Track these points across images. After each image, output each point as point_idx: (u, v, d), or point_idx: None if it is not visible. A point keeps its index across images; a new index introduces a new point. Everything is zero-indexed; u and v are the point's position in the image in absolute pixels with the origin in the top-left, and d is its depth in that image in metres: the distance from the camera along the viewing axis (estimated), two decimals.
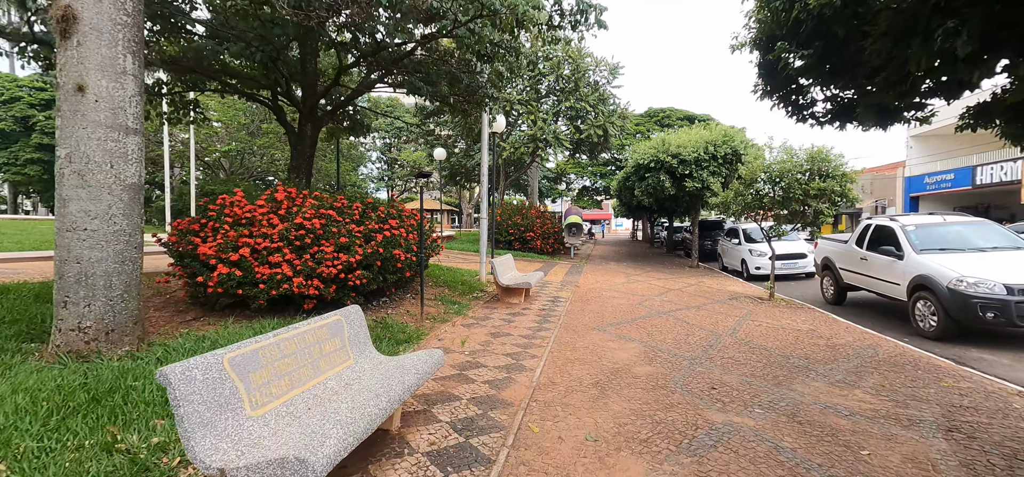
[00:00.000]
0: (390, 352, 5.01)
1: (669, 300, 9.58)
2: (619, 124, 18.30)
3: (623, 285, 11.82)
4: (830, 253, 9.92)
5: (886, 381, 4.69)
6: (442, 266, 12.33)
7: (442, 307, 7.67)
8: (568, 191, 42.93)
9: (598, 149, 20.59)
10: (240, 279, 5.06)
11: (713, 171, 14.29)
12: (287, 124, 7.76)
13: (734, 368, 5.09)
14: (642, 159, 15.45)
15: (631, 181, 18.34)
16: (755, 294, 10.51)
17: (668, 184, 14.82)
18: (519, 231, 18.80)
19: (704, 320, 7.63)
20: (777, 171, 9.07)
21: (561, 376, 4.78)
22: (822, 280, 10.30)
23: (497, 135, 10.57)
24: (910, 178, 30.48)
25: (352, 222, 6.02)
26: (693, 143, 14.58)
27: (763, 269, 13.67)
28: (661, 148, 14.95)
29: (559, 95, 18.42)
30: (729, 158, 14.26)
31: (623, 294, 10.32)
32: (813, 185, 8.60)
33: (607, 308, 8.57)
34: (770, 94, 5.35)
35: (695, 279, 13.35)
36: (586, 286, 11.52)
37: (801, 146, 9.00)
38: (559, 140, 17.37)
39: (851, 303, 9.63)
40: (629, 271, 15.35)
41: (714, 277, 14.00)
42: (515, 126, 18.08)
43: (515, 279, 8.80)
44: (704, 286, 11.82)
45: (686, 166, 14.45)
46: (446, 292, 8.90)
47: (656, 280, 12.99)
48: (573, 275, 13.73)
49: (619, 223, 72.42)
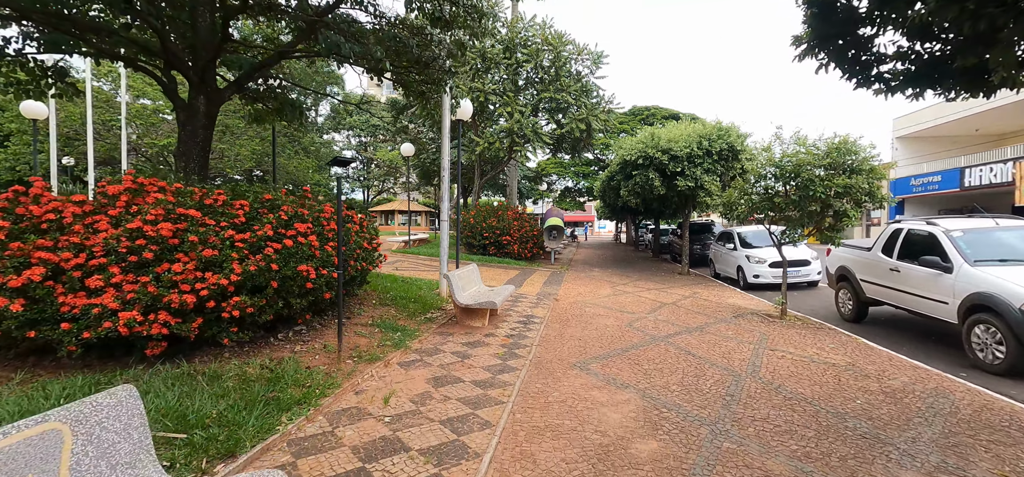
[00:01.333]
0: (261, 427, 3.25)
1: (664, 319, 8.01)
2: (603, 118, 16.78)
3: (609, 298, 10.23)
4: (848, 262, 8.50)
5: (1006, 464, 3.15)
6: (397, 277, 10.54)
7: (378, 336, 5.91)
8: (550, 192, 41.41)
9: (581, 145, 19.05)
10: (27, 316, 3.26)
11: (707, 168, 12.84)
12: (177, 99, 5.90)
13: (776, 440, 3.49)
14: (629, 155, 13.94)
15: (616, 180, 16.83)
16: (762, 310, 9.02)
17: (658, 183, 13.33)
18: (494, 234, 17.11)
19: (713, 350, 6.05)
20: (791, 166, 7.59)
21: (522, 469, 3.09)
22: (838, 293, 8.88)
23: (463, 124, 8.82)
24: (895, 180, 30.14)
25: (231, 227, 4.23)
26: (685, 138, 13.12)
27: (762, 278, 12.27)
28: (650, 143, 13.46)
29: (539, 86, 16.82)
30: (725, 154, 12.84)
31: (610, 311, 8.71)
32: (836, 182, 7.13)
33: (591, 332, 6.94)
34: (820, 48, 3.78)
35: (688, 289, 11.86)
36: (567, 300, 9.89)
37: (821, 136, 7.55)
38: (538, 135, 15.75)
39: (873, 320, 8.22)
40: (615, 279, 13.80)
41: (709, 287, 12.54)
42: (492, 120, 16.40)
43: (477, 297, 7.09)
44: (700, 299, 10.31)
45: (678, 163, 12.98)
46: (392, 313, 7.14)
47: (646, 291, 11.44)
48: (552, 285, 12.09)
49: (602, 225, 71.39)
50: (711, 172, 12.88)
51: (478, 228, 17.52)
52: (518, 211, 18.04)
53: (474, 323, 6.90)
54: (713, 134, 12.81)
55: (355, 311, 6.98)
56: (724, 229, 15.93)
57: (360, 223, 7.05)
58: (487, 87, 15.86)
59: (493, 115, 16.37)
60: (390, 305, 7.51)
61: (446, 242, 8.50)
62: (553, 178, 40.22)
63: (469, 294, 7.12)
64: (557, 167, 37.04)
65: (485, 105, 16.27)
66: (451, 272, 6.95)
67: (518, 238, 17.33)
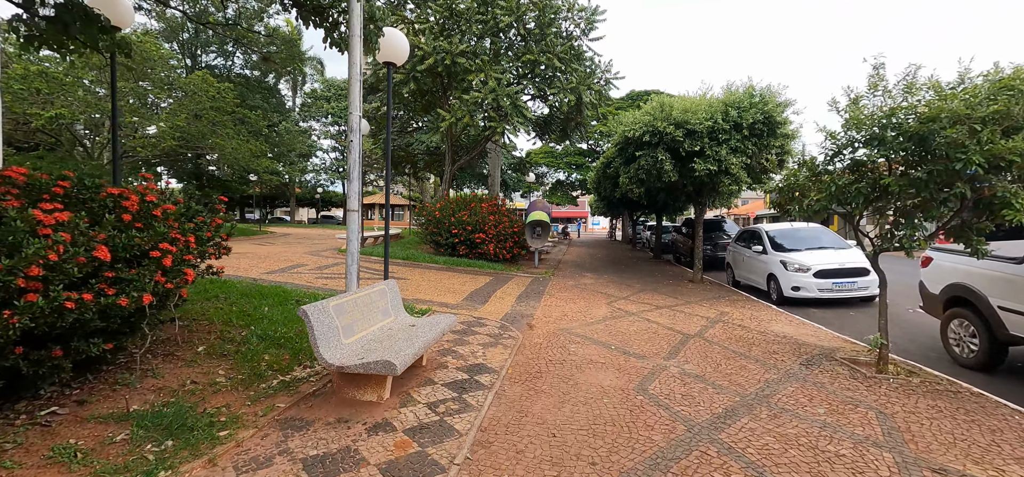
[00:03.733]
0: None
1: (695, 372, 4.94)
2: (597, 89, 13.65)
3: (605, 325, 7.15)
4: (974, 280, 5.49)
5: None
6: (284, 293, 7.35)
7: (156, 435, 2.80)
8: (540, 185, 38.27)
9: (571, 126, 15.93)
10: None
11: (735, 147, 9.78)
12: None
13: None
14: (632, 131, 10.85)
15: (614, 166, 13.75)
16: (837, 348, 5.97)
17: (668, 166, 10.26)
18: (465, 232, 13.99)
19: (812, 466, 2.98)
20: (911, 126, 4.51)
21: None
22: (949, 325, 5.88)
23: (392, 67, 5.58)
24: None
25: None
26: (707, 108, 10.06)
27: (804, 291, 9.29)
28: (660, 115, 10.36)
29: (521, 49, 13.66)
30: (758, 129, 9.77)
31: (607, 352, 5.64)
32: (998, 147, 4.08)
33: (575, 413, 3.85)
34: None
35: (711, 306, 8.83)
36: (544, 328, 6.80)
37: (965, 71, 4.49)
38: (519, 109, 12.61)
39: (1012, 366, 5.23)
40: (612, 289, 10.72)
41: (735, 301, 9.50)
42: (462, 89, 13.22)
43: (368, 348, 3.96)
44: (735, 326, 7.26)
45: (696, 140, 9.91)
46: (219, 372, 4.01)
47: (656, 311, 8.38)
48: (529, 301, 9.00)
49: (596, 221, 68.34)
50: (739, 151, 9.82)
51: (445, 223, 14.38)
52: (495, 203, 14.90)
53: (364, 396, 3.78)
54: (743, 102, 9.74)
55: (157, 362, 3.85)
56: (747, 227, 12.92)
57: (165, 215, 3.94)
58: (455, 48, 12.69)
59: (462, 83, 13.22)
60: (228, 354, 4.37)
61: (355, 245, 5.38)
62: (543, 169, 37.08)
63: (357, 343, 3.98)
64: (547, 157, 33.91)
65: (453, 70, 13.10)
66: (325, 303, 3.81)
67: (494, 236, 14.22)
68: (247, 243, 17.24)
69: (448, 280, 10.71)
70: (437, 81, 14.66)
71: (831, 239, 10.98)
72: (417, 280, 10.39)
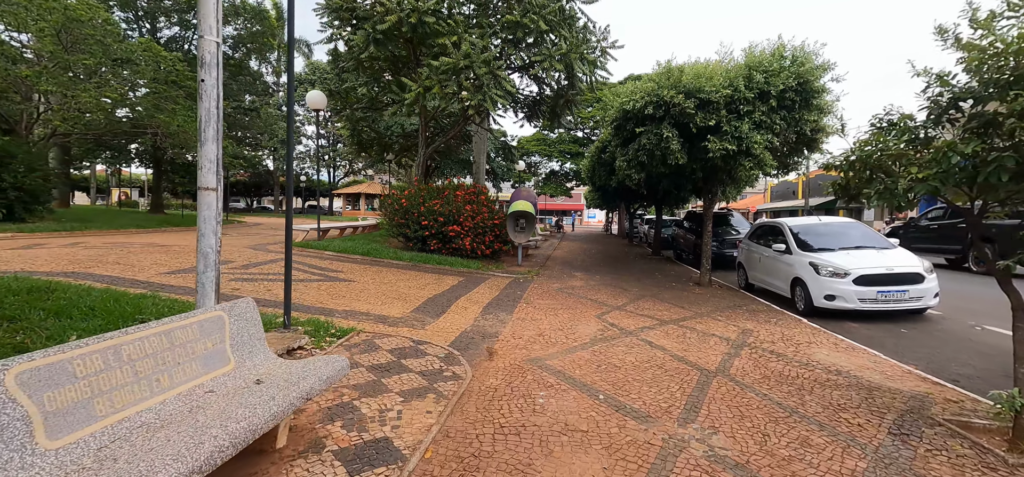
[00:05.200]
0: None
1: (736, 450, 3.05)
2: (592, 60, 11.66)
3: (593, 354, 5.25)
4: None
5: None
6: (142, 297, 5.34)
7: None
8: (531, 174, 36.24)
9: (561, 104, 13.95)
10: None
11: (759, 121, 7.86)
12: None
13: None
14: (632, 103, 8.90)
15: (610, 149, 11.84)
16: (920, 390, 4.08)
17: (675, 146, 8.34)
18: (436, 224, 12.04)
19: None
20: None
21: None
22: None
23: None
24: None
25: None
26: (723, 75, 8.13)
27: (842, 300, 7.47)
28: (666, 82, 8.41)
29: (503, 9, 11.65)
30: (789, 99, 7.85)
31: (592, 405, 3.75)
32: None
33: None
34: None
35: (730, 321, 6.95)
36: (508, 359, 4.90)
37: None
38: (497, 78, 10.62)
39: None
40: (605, 297, 8.83)
41: (757, 315, 7.64)
42: (432, 55, 11.22)
43: (95, 465, 2.02)
44: (766, 350, 5.38)
45: (711, 113, 7.98)
46: None
47: (661, 330, 6.48)
48: (498, 312, 7.10)
49: (592, 214, 66.37)
50: (764, 127, 7.90)
51: (413, 213, 12.42)
52: (472, 191, 12.93)
53: None
54: (771, 65, 7.80)
55: None
56: (764, 222, 11.06)
57: None
58: (424, 5, 10.67)
59: (433, 49, 11.24)
60: None
61: (209, 243, 3.45)
62: (535, 158, 35.05)
63: (80, 447, 2.03)
64: (540, 145, 31.90)
65: (421, 32, 11.08)
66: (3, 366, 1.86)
67: (471, 229, 12.28)
68: (184, 234, 15.19)
69: (406, 282, 8.78)
70: (405, 46, 12.64)
71: (867, 236, 9.13)
72: (366, 282, 8.46)
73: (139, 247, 10.60)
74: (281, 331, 4.75)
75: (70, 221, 14.46)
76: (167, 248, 10.71)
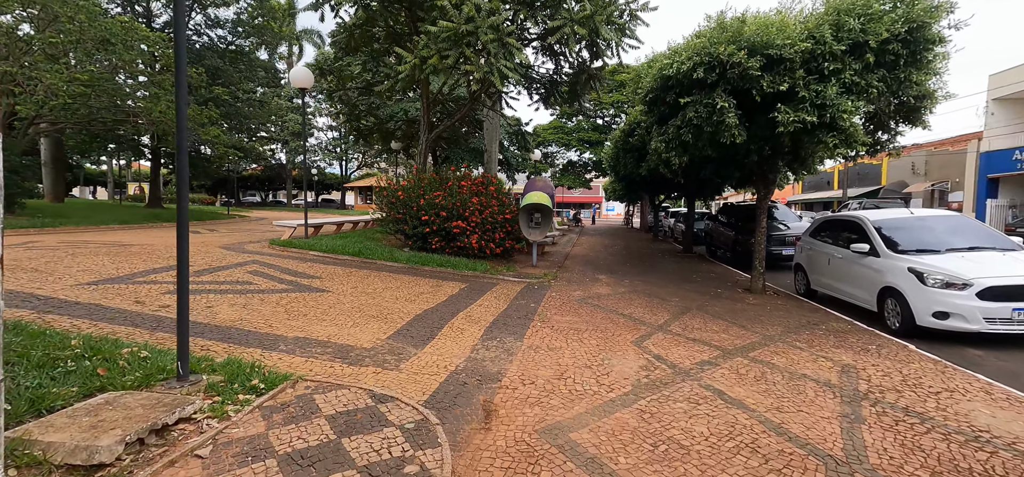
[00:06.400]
0: None
1: None
2: (620, 24, 9.78)
3: (640, 416, 3.51)
4: None
5: None
6: None
7: None
8: (547, 165, 34.30)
9: (584, 81, 12.07)
10: None
11: (850, 83, 5.93)
12: None
13: None
14: (675, 66, 7.03)
15: (639, 132, 10.07)
16: None
17: (731, 118, 6.47)
18: (439, 219, 10.40)
19: None
20: None
21: None
22: None
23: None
24: (989, 153, 23.71)
25: None
26: (799, 24, 6.22)
27: (957, 319, 5.67)
28: (720, 38, 6.53)
29: None
30: (893, 53, 5.88)
31: None
32: None
33: None
34: None
35: (818, 349, 5.11)
36: (512, 426, 3.22)
37: None
38: (506, 46, 8.86)
39: None
40: (640, 312, 7.04)
41: (847, 338, 5.75)
42: (431, 20, 9.51)
43: None
44: (899, 408, 3.56)
45: (782, 74, 6.09)
46: None
47: (728, 369, 4.69)
48: (504, 337, 5.42)
49: (611, 207, 63.98)
50: (856, 91, 5.97)
51: (412, 206, 10.79)
52: (480, 181, 11.22)
53: None
54: (870, 6, 5.83)
55: None
56: (833, 215, 9.12)
57: None
58: None
59: (432, 13, 9.55)
60: None
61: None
62: (552, 148, 33.10)
63: None
64: (557, 133, 29.97)
65: None
66: None
67: (478, 224, 10.60)
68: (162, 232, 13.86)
69: (394, 292, 7.15)
70: (406, 15, 10.96)
71: (982, 233, 7.14)
72: (342, 293, 6.85)
73: (94, 247, 9.23)
74: (167, 386, 3.14)
75: (45, 217, 13.30)
76: (125, 249, 9.31)
